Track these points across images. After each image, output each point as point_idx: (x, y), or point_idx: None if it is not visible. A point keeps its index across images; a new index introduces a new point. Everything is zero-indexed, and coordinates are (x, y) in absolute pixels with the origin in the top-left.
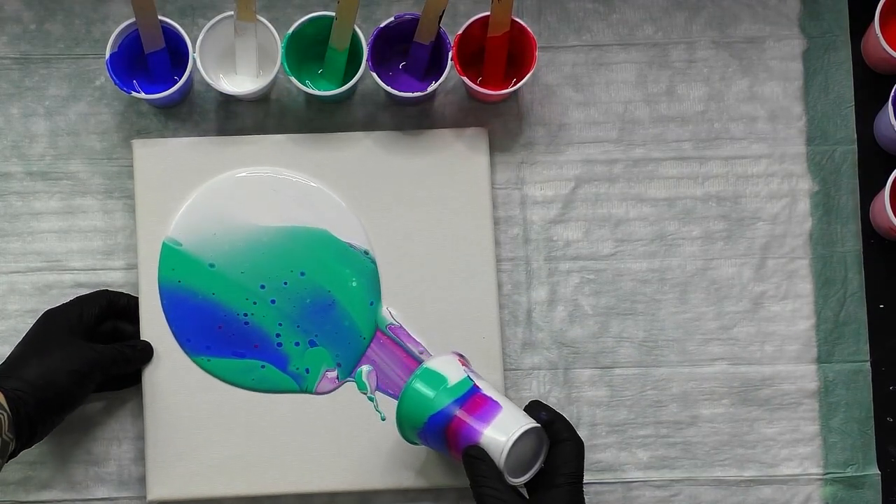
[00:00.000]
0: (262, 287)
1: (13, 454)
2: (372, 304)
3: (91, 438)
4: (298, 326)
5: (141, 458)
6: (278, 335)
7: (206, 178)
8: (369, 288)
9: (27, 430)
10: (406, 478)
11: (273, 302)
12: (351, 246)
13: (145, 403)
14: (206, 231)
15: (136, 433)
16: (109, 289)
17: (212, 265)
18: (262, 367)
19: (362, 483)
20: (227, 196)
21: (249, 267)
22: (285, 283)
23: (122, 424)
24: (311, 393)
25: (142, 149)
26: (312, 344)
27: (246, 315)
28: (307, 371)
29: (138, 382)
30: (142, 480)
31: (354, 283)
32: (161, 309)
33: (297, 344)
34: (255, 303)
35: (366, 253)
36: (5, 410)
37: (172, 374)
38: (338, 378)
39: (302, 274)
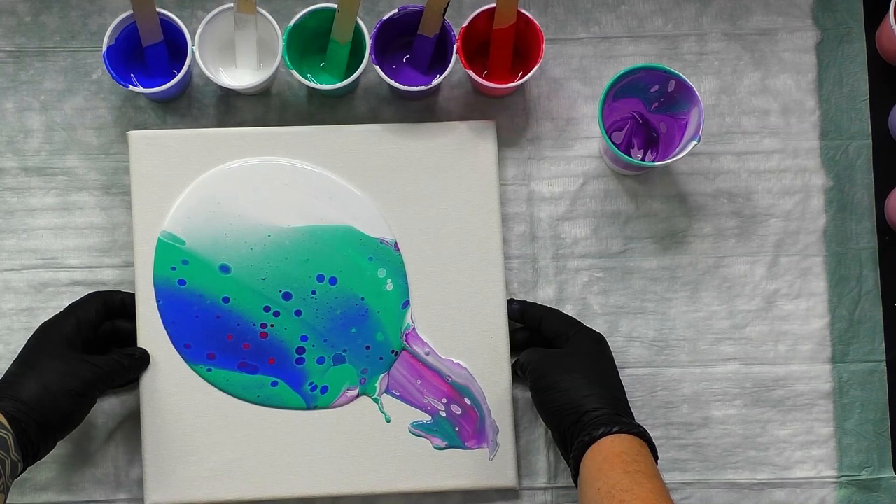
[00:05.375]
0: (287, 297)
1: (20, 473)
2: (405, 304)
3: (87, 439)
4: (325, 341)
5: (138, 459)
6: (301, 350)
7: (207, 171)
8: (403, 287)
9: (31, 451)
10: (411, 480)
11: (298, 314)
12: (381, 241)
13: (142, 405)
14: (214, 229)
15: (133, 434)
16: (102, 289)
17: (224, 268)
18: (274, 384)
19: (366, 486)
20: (231, 190)
21: (272, 273)
22: (314, 293)
23: (118, 425)
24: (324, 409)
25: (139, 141)
26: (339, 360)
27: (264, 326)
28: (323, 391)
29: (134, 382)
30: (139, 482)
31: (390, 286)
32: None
33: (320, 361)
34: (276, 314)
35: (396, 247)
36: (9, 431)
37: (171, 376)
38: (358, 394)
39: (333, 281)
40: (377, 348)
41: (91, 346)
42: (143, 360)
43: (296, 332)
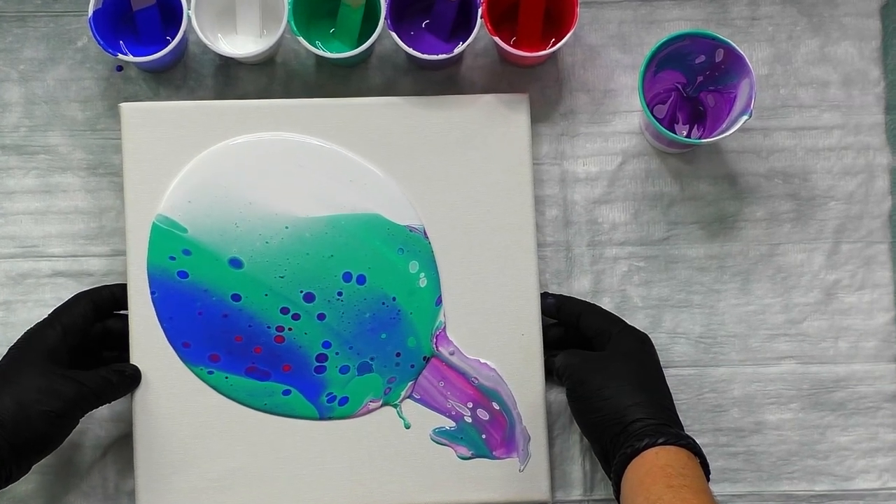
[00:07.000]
0: (310, 298)
1: None
2: (439, 301)
3: (73, 447)
4: (351, 348)
5: (129, 468)
6: (322, 357)
7: (208, 148)
8: (436, 281)
9: (3, 474)
10: (432, 493)
11: (321, 317)
12: (410, 229)
13: (135, 409)
14: (221, 218)
15: (124, 440)
16: (88, 280)
17: (235, 262)
18: (286, 392)
19: (382, 499)
20: (237, 171)
21: (291, 270)
22: (339, 295)
23: (107, 431)
24: (340, 419)
25: (132, 114)
26: (365, 369)
27: (281, 329)
28: (343, 402)
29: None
30: (130, 494)
31: (424, 281)
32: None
33: (343, 370)
34: (295, 316)
35: (426, 234)
36: None
37: (166, 377)
38: (381, 405)
39: (361, 280)
40: (408, 355)
41: (81, 354)
42: (133, 377)
43: (317, 338)
